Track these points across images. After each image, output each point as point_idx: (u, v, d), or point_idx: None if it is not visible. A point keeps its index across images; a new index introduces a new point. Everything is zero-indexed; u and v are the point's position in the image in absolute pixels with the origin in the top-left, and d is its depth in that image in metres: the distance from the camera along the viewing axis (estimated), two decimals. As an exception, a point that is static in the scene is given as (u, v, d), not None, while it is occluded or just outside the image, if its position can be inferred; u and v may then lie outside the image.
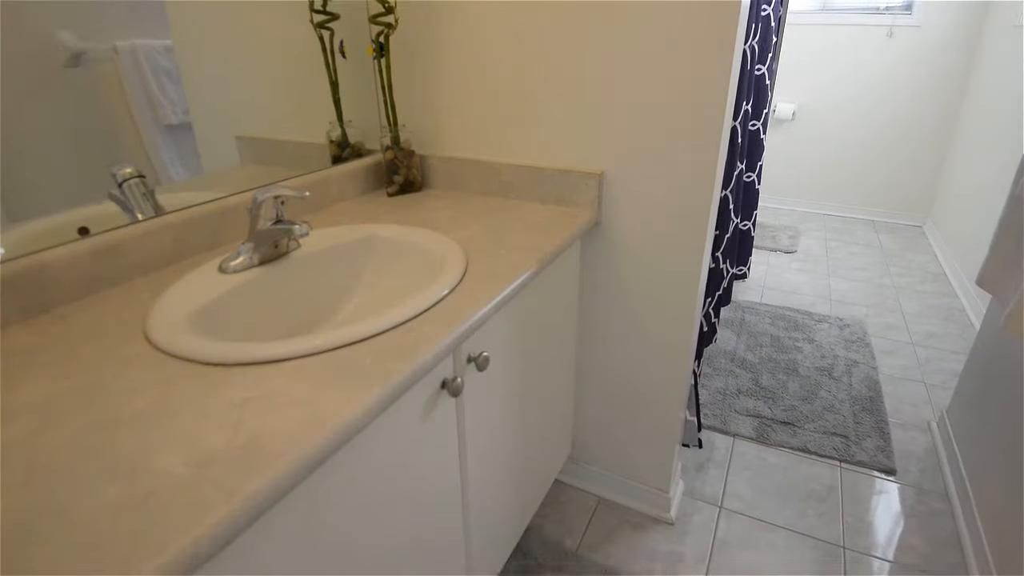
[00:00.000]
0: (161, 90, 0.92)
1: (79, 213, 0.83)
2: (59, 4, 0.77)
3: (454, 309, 0.78)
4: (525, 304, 1.04)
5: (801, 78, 3.78)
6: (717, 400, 1.95)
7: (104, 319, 0.77)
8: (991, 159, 2.73)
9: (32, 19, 0.75)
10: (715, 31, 1.03)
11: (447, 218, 1.16)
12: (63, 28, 0.79)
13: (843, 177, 3.87)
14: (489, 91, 1.25)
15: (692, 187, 1.15)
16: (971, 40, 3.32)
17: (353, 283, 1.02)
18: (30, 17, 0.75)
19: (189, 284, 0.83)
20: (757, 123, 2.27)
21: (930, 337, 2.41)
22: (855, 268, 3.09)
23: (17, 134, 0.76)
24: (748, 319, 2.51)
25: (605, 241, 1.28)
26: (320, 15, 1.17)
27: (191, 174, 0.98)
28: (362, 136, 1.34)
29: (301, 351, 0.67)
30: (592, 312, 1.37)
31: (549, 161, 1.25)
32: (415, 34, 1.27)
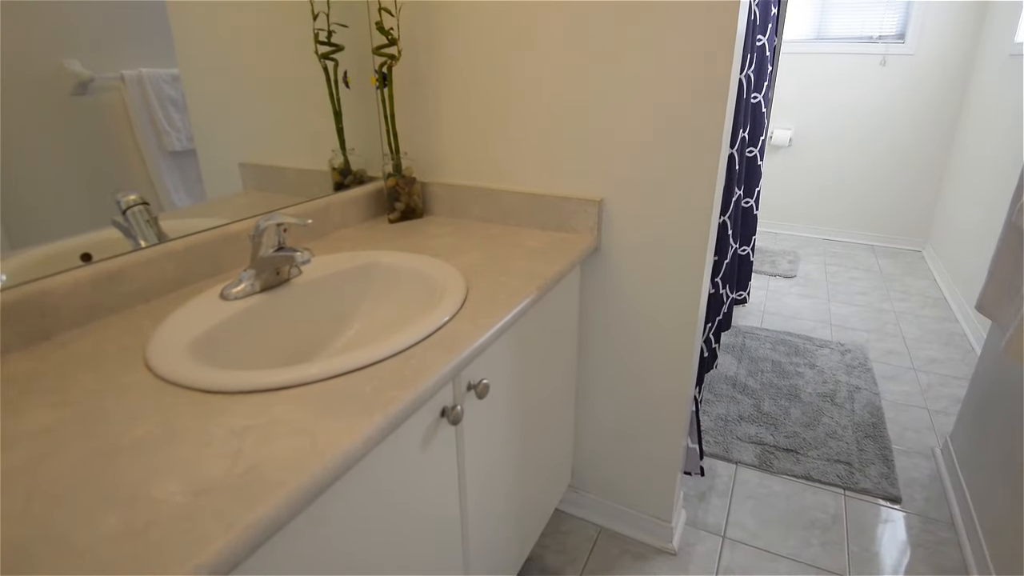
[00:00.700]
0: (166, 118, 0.94)
1: (82, 239, 0.84)
2: (69, 34, 0.79)
3: (454, 336, 0.78)
4: (525, 331, 1.04)
5: (797, 105, 3.84)
6: (719, 426, 1.94)
7: (105, 346, 0.77)
8: (988, 185, 2.76)
9: (42, 48, 0.77)
10: (711, 61, 1.05)
11: (448, 245, 1.17)
12: (72, 57, 0.80)
13: (841, 202, 3.90)
14: (490, 119, 1.28)
15: (690, 213, 1.16)
16: (964, 68, 3.38)
17: (354, 310, 1.02)
18: (40, 46, 0.76)
19: (190, 311, 0.83)
20: (754, 150, 2.30)
21: (932, 362, 2.40)
22: (855, 293, 3.10)
23: (22, 160, 0.77)
24: (749, 344, 2.50)
25: (605, 267, 1.28)
26: (325, 46, 1.20)
27: (194, 200, 0.99)
28: (364, 163, 1.35)
29: (301, 379, 0.67)
30: (592, 338, 1.37)
31: (549, 188, 1.27)
32: (417, 64, 1.30)
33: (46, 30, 0.77)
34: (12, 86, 0.74)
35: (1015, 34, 2.70)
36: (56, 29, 0.78)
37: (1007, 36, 2.81)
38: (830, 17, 3.66)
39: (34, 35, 0.76)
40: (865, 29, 3.59)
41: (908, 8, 3.45)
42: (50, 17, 0.77)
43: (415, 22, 1.27)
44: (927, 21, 3.39)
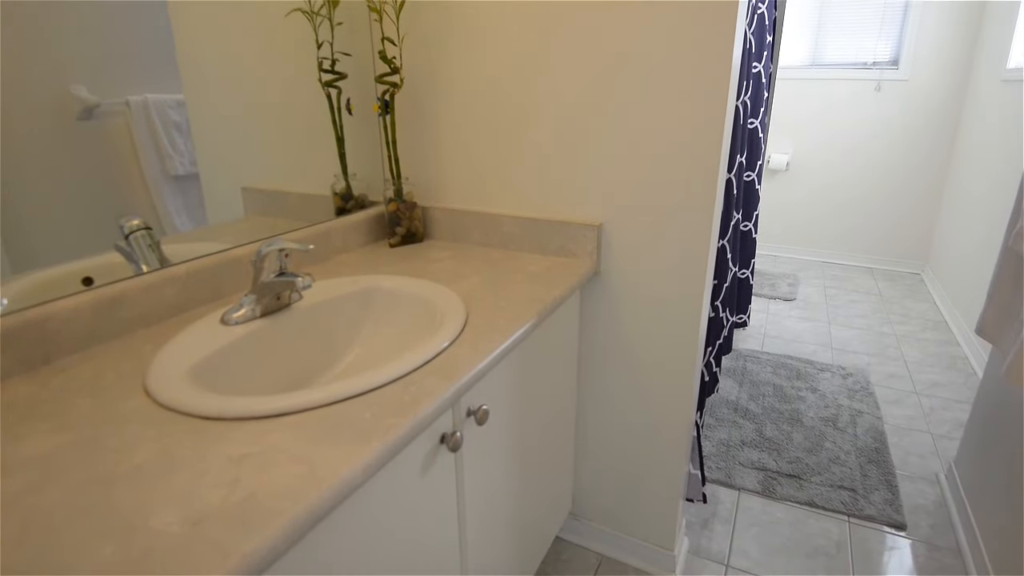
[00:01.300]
0: (170, 142, 0.95)
1: (84, 263, 0.84)
2: (77, 60, 0.80)
3: (454, 362, 0.78)
4: (525, 356, 1.04)
5: (794, 130, 3.88)
6: (721, 452, 1.92)
7: (104, 372, 0.77)
8: (985, 208, 2.77)
9: (49, 74, 0.78)
10: (708, 88, 1.07)
11: (448, 269, 1.18)
12: (79, 83, 0.81)
13: (839, 225, 3.92)
14: (490, 145, 1.29)
15: (689, 237, 1.17)
16: (957, 93, 3.43)
17: (354, 334, 1.02)
18: (47, 72, 0.78)
19: (190, 336, 0.84)
20: (752, 174, 2.32)
21: (934, 386, 2.39)
22: (855, 316, 3.09)
23: (25, 184, 0.77)
24: (750, 368, 2.49)
25: (604, 291, 1.29)
26: (329, 75, 1.22)
27: (196, 224, 1.00)
28: (366, 188, 1.37)
29: (300, 405, 0.67)
30: (592, 363, 1.36)
31: (549, 213, 1.28)
32: (419, 92, 1.32)
33: (54, 56, 0.78)
34: (18, 110, 0.75)
35: (1007, 60, 2.74)
36: (64, 55, 0.79)
37: (999, 62, 2.86)
38: (825, 44, 3.73)
39: (41, 61, 0.77)
40: (859, 56, 3.66)
41: (901, 35, 3.52)
42: (58, 43, 0.78)
43: (417, 51, 1.29)
44: (920, 48, 3.45)
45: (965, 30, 3.34)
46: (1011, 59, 2.70)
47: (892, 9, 3.51)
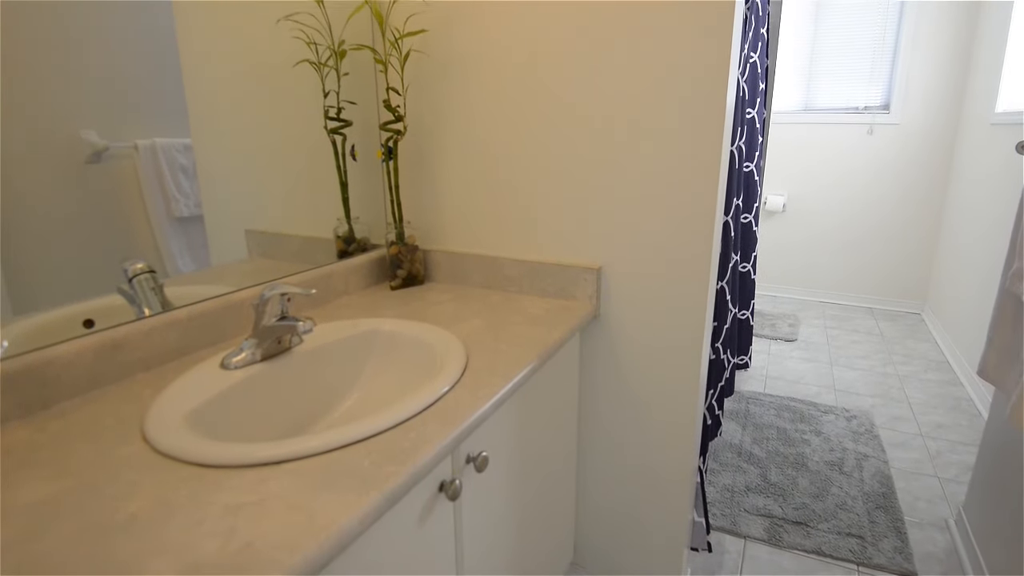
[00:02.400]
0: (176, 185, 0.96)
1: (86, 305, 0.85)
2: (88, 104, 0.83)
3: (454, 407, 0.78)
4: (525, 400, 1.04)
5: (789, 172, 3.95)
6: (725, 498, 1.88)
7: (103, 417, 0.77)
8: (981, 248, 2.80)
9: (61, 118, 0.80)
10: (704, 134, 1.10)
11: (448, 312, 1.18)
12: (89, 127, 0.83)
13: (837, 265, 3.95)
14: (491, 189, 1.32)
15: (688, 279, 1.18)
16: (948, 136, 3.51)
17: (354, 378, 1.02)
18: (59, 116, 0.80)
19: (190, 381, 0.84)
20: (749, 216, 2.36)
21: (939, 428, 2.36)
22: (857, 357, 3.08)
23: (31, 226, 0.78)
24: (753, 410, 2.47)
25: (604, 334, 1.29)
26: (334, 122, 1.26)
27: (199, 266, 1.01)
28: (368, 231, 1.39)
29: (299, 452, 0.66)
30: (592, 407, 1.35)
31: (549, 256, 1.29)
32: (421, 138, 1.36)
33: (66, 101, 0.80)
34: (27, 154, 0.77)
35: (995, 104, 2.81)
36: (76, 100, 0.81)
37: (987, 106, 2.93)
38: (816, 89, 3.83)
39: (53, 105, 0.79)
40: (851, 100, 3.75)
41: (891, 80, 3.62)
42: (71, 88, 0.81)
43: (420, 100, 1.33)
44: (910, 92, 3.55)
45: (953, 75, 3.43)
46: (999, 103, 2.77)
47: (881, 55, 3.62)
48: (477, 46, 1.24)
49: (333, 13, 1.20)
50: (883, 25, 3.58)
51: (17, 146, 0.76)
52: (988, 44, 3.06)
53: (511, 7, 1.19)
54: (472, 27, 1.24)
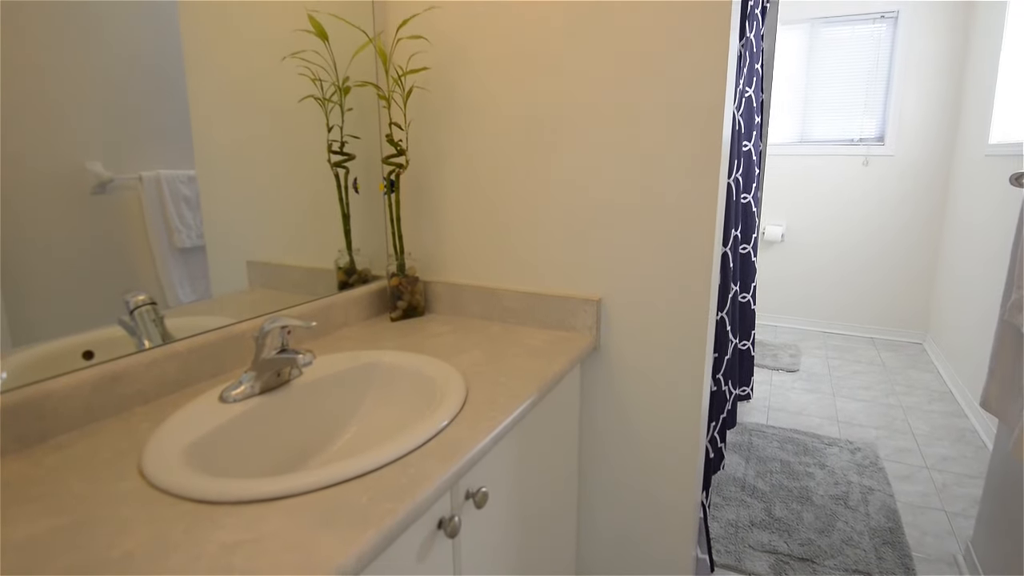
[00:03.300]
0: (179, 216, 0.97)
1: (85, 336, 0.84)
2: (94, 136, 0.84)
3: (453, 442, 0.78)
4: (525, 434, 1.03)
5: (787, 203, 3.99)
6: (729, 534, 1.85)
7: (100, 451, 0.76)
8: (979, 277, 2.81)
9: (67, 150, 0.81)
10: (700, 168, 1.11)
11: (448, 344, 1.18)
12: (94, 159, 0.84)
13: (837, 294, 3.95)
14: (491, 222, 1.33)
15: (688, 310, 1.18)
16: (943, 168, 3.55)
17: (353, 411, 1.01)
18: (65, 148, 0.81)
19: (188, 414, 0.83)
20: (747, 247, 2.37)
21: (944, 460, 2.33)
22: (859, 387, 3.06)
23: (33, 256, 0.79)
24: (756, 443, 2.44)
25: (604, 365, 1.29)
26: (338, 156, 1.28)
27: (199, 296, 1.01)
28: (369, 263, 1.40)
29: (296, 489, 0.65)
30: (593, 440, 1.34)
31: (548, 287, 1.30)
32: (423, 171, 1.38)
33: (72, 133, 0.81)
34: (31, 185, 0.78)
35: (988, 136, 2.85)
36: (82, 132, 0.83)
37: (981, 137, 2.97)
38: (812, 122, 3.90)
39: (60, 138, 0.80)
40: (845, 132, 3.81)
41: (884, 112, 3.68)
42: (78, 121, 0.82)
43: (422, 134, 1.36)
44: (904, 124, 3.61)
45: (946, 107, 3.50)
46: (992, 135, 2.82)
47: (874, 88, 3.69)
48: (478, 83, 1.27)
49: (338, 51, 1.23)
50: (875, 59, 3.67)
51: (23, 177, 0.77)
52: (978, 77, 3.13)
53: (512, 48, 1.22)
54: (473, 66, 1.27)
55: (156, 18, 0.90)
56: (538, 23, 1.19)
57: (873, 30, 3.64)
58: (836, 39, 3.74)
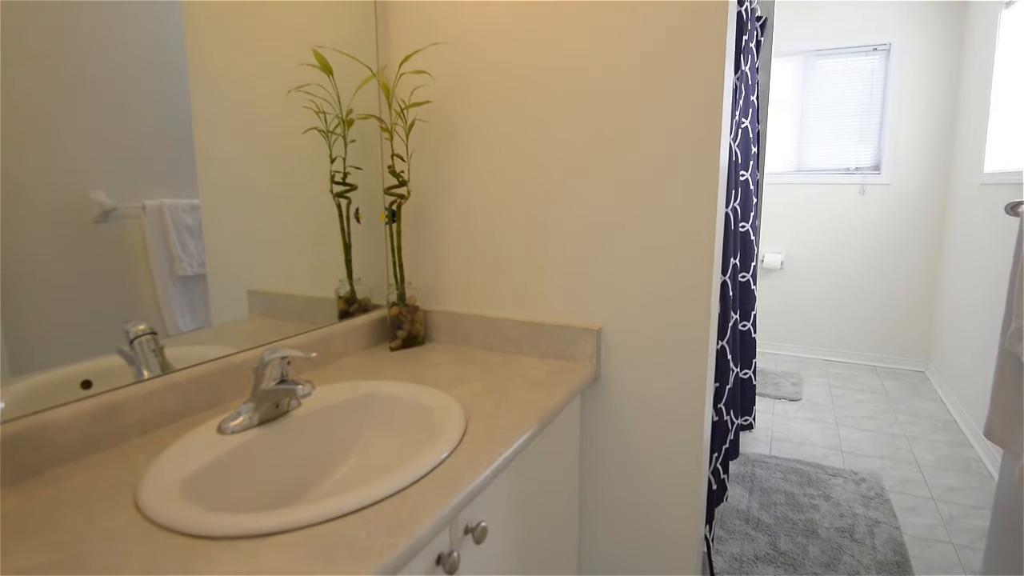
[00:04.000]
0: (181, 244, 0.98)
1: (84, 366, 0.84)
2: (98, 165, 0.85)
3: (452, 475, 0.77)
4: (525, 466, 1.02)
5: (785, 231, 4.02)
6: (734, 568, 1.81)
7: (96, 483, 0.76)
8: (979, 305, 2.81)
9: (71, 179, 0.82)
10: (699, 199, 1.13)
11: (448, 374, 1.18)
12: (98, 188, 0.85)
13: (838, 322, 3.95)
14: (491, 251, 1.34)
15: (688, 339, 1.18)
16: (939, 196, 3.58)
17: (352, 442, 1.01)
18: (70, 177, 0.82)
19: (185, 446, 0.83)
20: (747, 275, 2.38)
21: (950, 491, 2.30)
22: (863, 417, 3.03)
23: (35, 285, 0.79)
24: (759, 474, 2.41)
25: (605, 396, 1.28)
26: (340, 186, 1.29)
27: (199, 324, 1.01)
28: (369, 292, 1.40)
29: (293, 523, 0.65)
30: (594, 473, 1.33)
31: (548, 317, 1.30)
32: (425, 201, 1.39)
33: (78, 162, 0.83)
34: (36, 214, 0.78)
35: (983, 165, 2.89)
36: (87, 162, 0.84)
37: (976, 167, 3.01)
38: (808, 152, 3.95)
39: (66, 167, 0.81)
40: (841, 162, 3.86)
41: (880, 142, 3.73)
42: (83, 150, 0.83)
43: (424, 165, 1.37)
44: (899, 154, 3.65)
45: (940, 136, 3.55)
46: (987, 164, 2.85)
47: (869, 117, 3.75)
48: (478, 117, 1.29)
49: (342, 84, 1.26)
50: (869, 90, 3.73)
51: (27, 206, 0.78)
52: (971, 107, 3.18)
53: (511, 83, 1.25)
54: (474, 100, 1.29)
55: (163, 49, 0.93)
56: (537, 60, 1.22)
57: (866, 62, 3.72)
58: (830, 71, 3.81)
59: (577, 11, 1.17)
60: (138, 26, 0.89)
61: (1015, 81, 2.68)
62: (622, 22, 1.14)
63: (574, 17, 1.17)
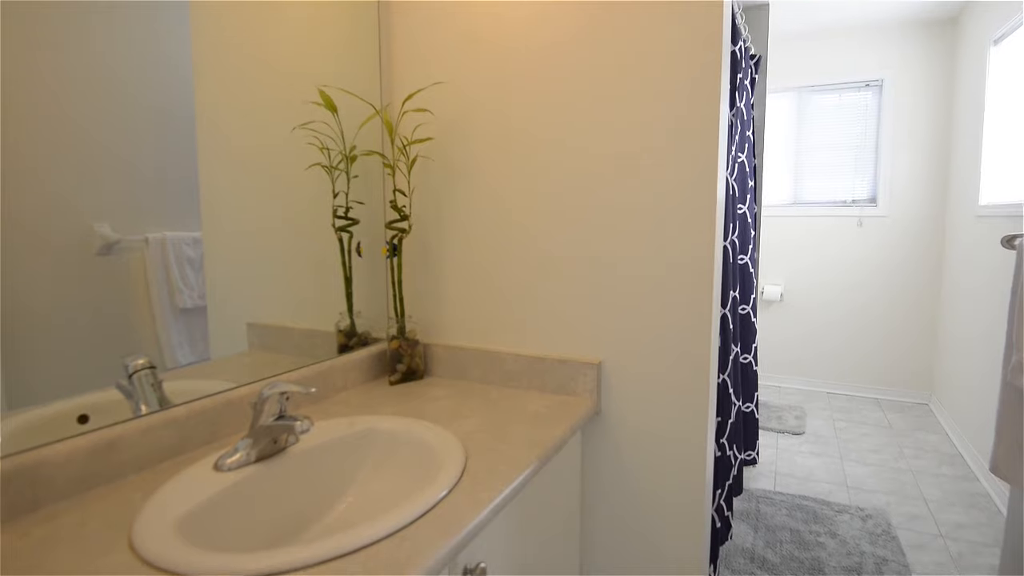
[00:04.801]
0: (182, 277, 0.98)
1: (81, 400, 0.84)
2: (103, 198, 0.86)
3: (452, 513, 0.76)
4: (525, 503, 1.00)
5: (784, 263, 4.03)
6: (739, 605, 1.77)
7: (91, 521, 0.74)
8: (980, 337, 2.80)
9: (76, 212, 0.83)
10: (697, 233, 1.14)
11: (447, 409, 1.17)
12: (103, 220, 0.86)
13: (840, 354, 3.93)
14: (492, 285, 1.35)
15: (689, 373, 1.18)
16: (936, 228, 3.61)
17: (350, 479, 0.99)
18: (75, 210, 0.83)
19: (181, 483, 0.82)
20: (747, 307, 2.38)
21: (959, 528, 2.25)
22: (868, 451, 2.99)
23: (35, 318, 0.79)
24: (764, 510, 2.37)
25: (606, 430, 1.27)
26: (342, 220, 1.31)
27: (198, 357, 1.01)
28: (369, 325, 1.40)
29: (289, 565, 0.63)
30: (594, 509, 1.30)
31: (549, 350, 1.30)
32: (426, 236, 1.41)
33: (84, 195, 0.84)
34: (39, 247, 0.79)
35: (978, 197, 2.92)
36: (93, 194, 0.85)
37: (971, 199, 3.04)
38: (805, 184, 3.99)
39: (71, 200, 0.82)
40: (838, 194, 3.90)
41: (875, 175, 3.78)
42: (90, 183, 0.84)
43: (425, 201, 1.39)
44: (895, 186, 3.69)
45: (935, 170, 3.59)
46: (982, 196, 2.88)
47: (864, 151, 3.81)
48: (478, 153, 1.32)
49: (346, 121, 1.28)
50: (863, 124, 3.80)
51: (31, 238, 0.78)
52: (964, 141, 3.23)
53: (511, 121, 1.27)
54: (474, 137, 1.32)
55: (172, 83, 0.95)
56: (535, 98, 1.25)
57: (859, 97, 3.79)
58: (824, 106, 3.89)
59: (574, 53, 1.20)
60: (147, 63, 0.91)
61: (1006, 115, 2.73)
62: (619, 64, 1.17)
63: (570, 58, 1.20)
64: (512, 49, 1.26)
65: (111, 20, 0.86)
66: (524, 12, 1.24)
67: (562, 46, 1.21)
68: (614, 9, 1.16)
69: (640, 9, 1.14)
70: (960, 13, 3.39)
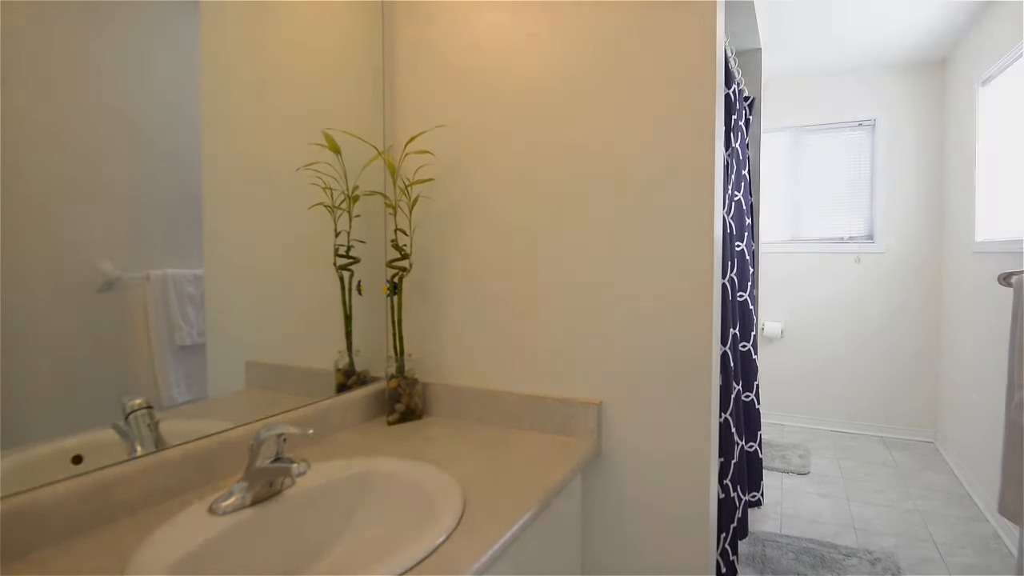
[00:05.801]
0: (182, 314, 0.98)
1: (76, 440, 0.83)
2: (106, 235, 0.86)
3: (450, 561, 0.74)
4: (524, 547, 0.98)
5: (784, 299, 4.04)
6: (746, 655, 1.71)
7: (83, 567, 0.73)
8: (983, 373, 2.78)
9: (79, 249, 0.84)
10: (694, 272, 1.15)
11: (446, 450, 1.16)
12: (105, 257, 0.87)
13: (843, 392, 3.89)
14: (491, 325, 1.35)
15: (690, 413, 1.17)
16: (933, 265, 3.63)
17: (346, 523, 0.97)
18: (78, 248, 0.83)
19: (175, 528, 0.80)
20: (747, 344, 2.37)
21: (970, 570, 2.19)
22: (874, 491, 2.94)
23: (33, 356, 0.79)
24: (770, 554, 2.31)
25: (607, 471, 1.25)
26: (344, 259, 1.32)
27: (195, 395, 1.00)
28: (368, 364, 1.40)
29: (283, 614, 0.62)
30: (596, 551, 1.27)
31: (548, 390, 1.29)
32: (426, 275, 1.41)
33: (88, 232, 0.84)
34: (41, 282, 0.79)
35: (974, 234, 2.94)
36: (97, 231, 0.85)
37: (967, 236, 3.06)
38: (802, 222, 4.03)
39: (74, 237, 0.83)
40: (835, 231, 3.94)
41: (871, 212, 3.82)
42: (93, 221, 0.85)
43: (426, 240, 1.41)
44: (891, 223, 3.73)
45: (931, 207, 3.64)
46: (978, 233, 2.90)
47: (859, 188, 3.86)
48: (479, 195, 1.34)
49: (349, 162, 1.31)
50: (858, 162, 3.86)
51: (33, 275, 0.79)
52: (958, 177, 3.27)
53: (512, 164, 1.30)
54: (475, 179, 1.34)
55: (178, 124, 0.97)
56: (535, 138, 1.27)
57: (853, 136, 3.87)
58: (819, 145, 3.96)
59: (572, 99, 1.23)
60: (155, 103, 0.93)
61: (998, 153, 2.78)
62: (617, 106, 1.20)
63: (569, 104, 1.24)
64: (513, 93, 1.29)
65: (120, 60, 0.89)
66: (526, 58, 1.28)
67: (560, 95, 1.25)
68: (611, 55, 1.20)
69: (638, 57, 1.18)
70: (949, 55, 3.49)
